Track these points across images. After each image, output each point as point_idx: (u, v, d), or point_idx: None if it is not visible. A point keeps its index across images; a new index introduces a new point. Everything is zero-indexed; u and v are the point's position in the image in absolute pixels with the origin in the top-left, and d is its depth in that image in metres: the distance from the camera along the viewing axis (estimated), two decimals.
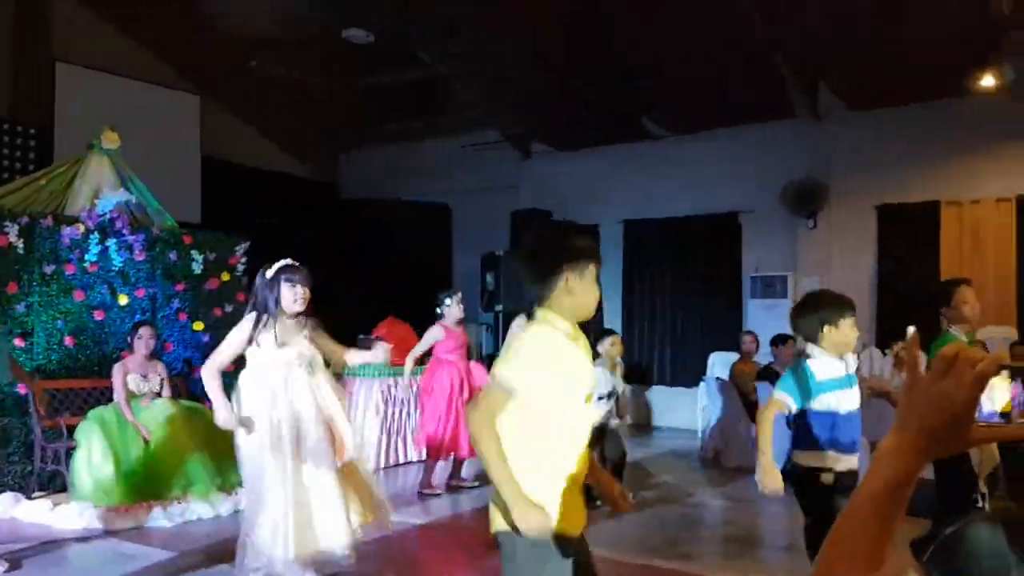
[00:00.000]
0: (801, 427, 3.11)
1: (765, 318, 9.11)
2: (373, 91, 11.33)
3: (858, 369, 7.43)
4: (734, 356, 8.13)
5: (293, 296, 3.70)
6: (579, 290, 2.24)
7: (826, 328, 3.11)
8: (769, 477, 3.00)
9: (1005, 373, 0.83)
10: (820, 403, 3.06)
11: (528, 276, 2.32)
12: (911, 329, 1.02)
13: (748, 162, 9.72)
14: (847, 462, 3.07)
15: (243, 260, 6.58)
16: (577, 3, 8.39)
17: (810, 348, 3.17)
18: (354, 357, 4.09)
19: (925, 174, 8.92)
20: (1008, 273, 8.55)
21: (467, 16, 8.79)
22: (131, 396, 5.42)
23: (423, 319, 6.44)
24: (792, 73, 8.70)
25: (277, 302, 3.69)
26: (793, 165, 9.40)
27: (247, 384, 3.72)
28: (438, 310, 6.27)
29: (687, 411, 9.54)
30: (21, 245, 5.52)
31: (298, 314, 3.76)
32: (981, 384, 0.89)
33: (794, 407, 3.09)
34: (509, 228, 10.79)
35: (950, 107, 8.63)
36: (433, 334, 6.16)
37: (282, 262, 3.80)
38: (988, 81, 8.06)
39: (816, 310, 3.17)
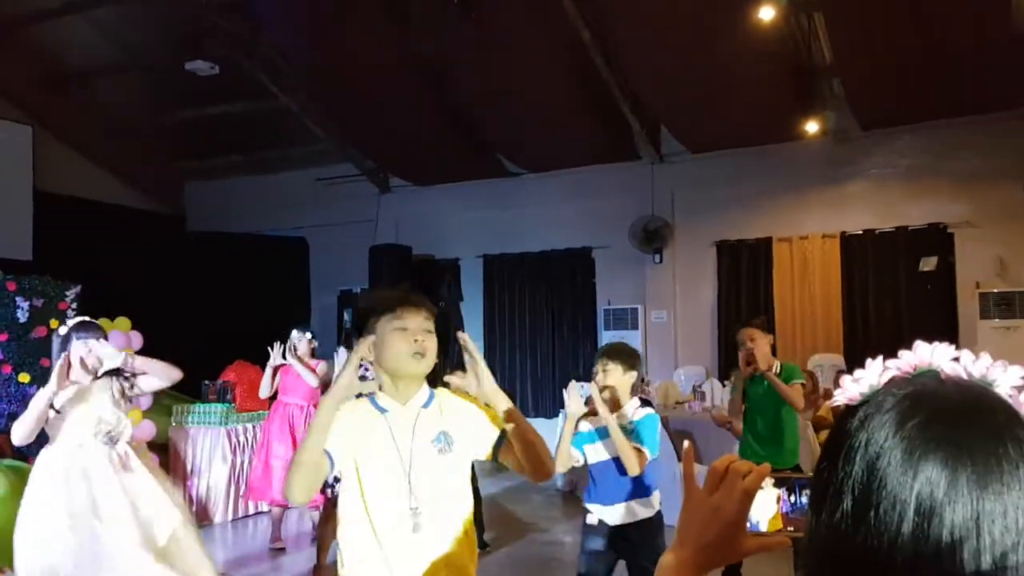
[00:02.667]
0: (651, 475, 3.35)
1: None
2: (220, 120, 11.00)
3: (698, 396, 7.76)
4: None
5: (85, 354, 3.51)
6: (379, 350, 2.09)
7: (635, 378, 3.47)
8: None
9: (769, 483, 0.91)
10: (585, 455, 3.35)
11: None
12: (686, 443, 1.08)
13: (599, 200, 10.07)
14: (603, 513, 3.32)
15: (74, 306, 6.20)
16: (423, 45, 8.51)
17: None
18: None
19: (759, 212, 9.53)
20: (834, 304, 9.23)
21: (313, 50, 8.73)
22: None
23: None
24: (637, 118, 9.13)
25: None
26: (640, 203, 9.83)
27: (40, 465, 3.47)
28: (288, 343, 6.01)
29: (547, 442, 9.73)
30: None
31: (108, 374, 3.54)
32: (749, 496, 0.94)
33: (581, 460, 3.34)
34: (368, 263, 10.68)
35: (782, 151, 9.28)
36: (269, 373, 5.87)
37: (77, 319, 3.66)
38: (813, 127, 8.74)
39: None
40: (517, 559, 5.49)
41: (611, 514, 3.30)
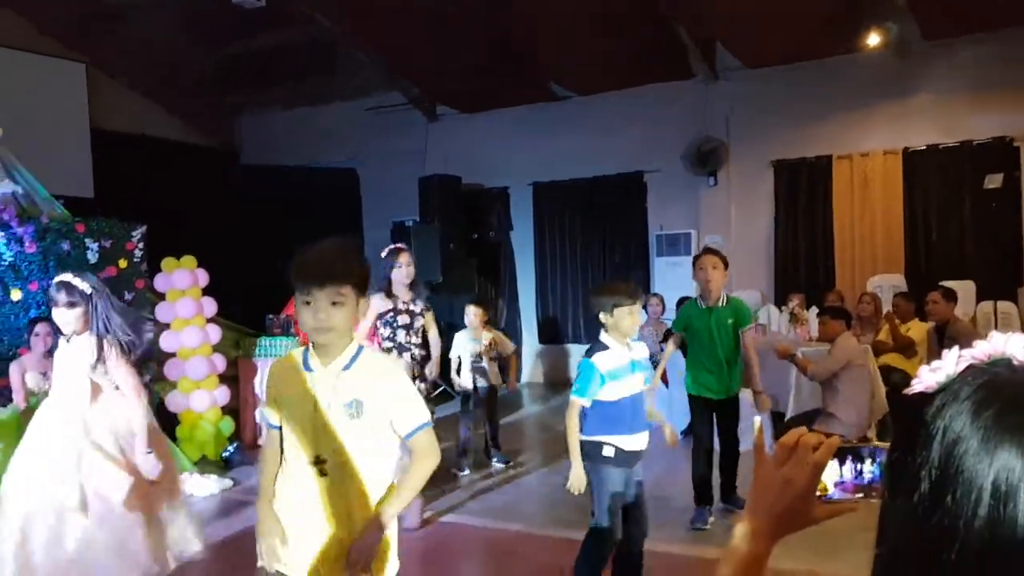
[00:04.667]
0: (590, 414, 3.40)
1: (671, 276, 9.39)
2: (269, 53, 10.98)
3: (758, 322, 7.72)
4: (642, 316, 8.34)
5: (58, 319, 3.44)
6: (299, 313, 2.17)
7: (603, 316, 3.36)
8: (577, 479, 3.33)
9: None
10: (606, 393, 3.34)
11: None
12: (757, 419, 1.11)
13: (651, 122, 9.88)
14: (631, 442, 3.38)
15: (140, 245, 6.36)
16: None
17: (602, 335, 3.42)
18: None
19: (818, 129, 9.26)
20: (896, 224, 9.01)
21: None
22: (30, 395, 5.24)
23: None
24: (690, 33, 8.85)
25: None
26: (694, 124, 9.62)
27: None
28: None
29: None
30: None
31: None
32: (819, 469, 0.97)
33: (588, 404, 3.38)
34: (418, 195, 10.71)
35: (842, 64, 8.96)
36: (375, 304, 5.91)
37: (59, 278, 3.48)
38: (875, 39, 8.38)
39: (599, 298, 3.42)
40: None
41: (638, 441, 3.41)
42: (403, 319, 4.83)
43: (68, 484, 3.34)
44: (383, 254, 4.91)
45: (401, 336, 4.82)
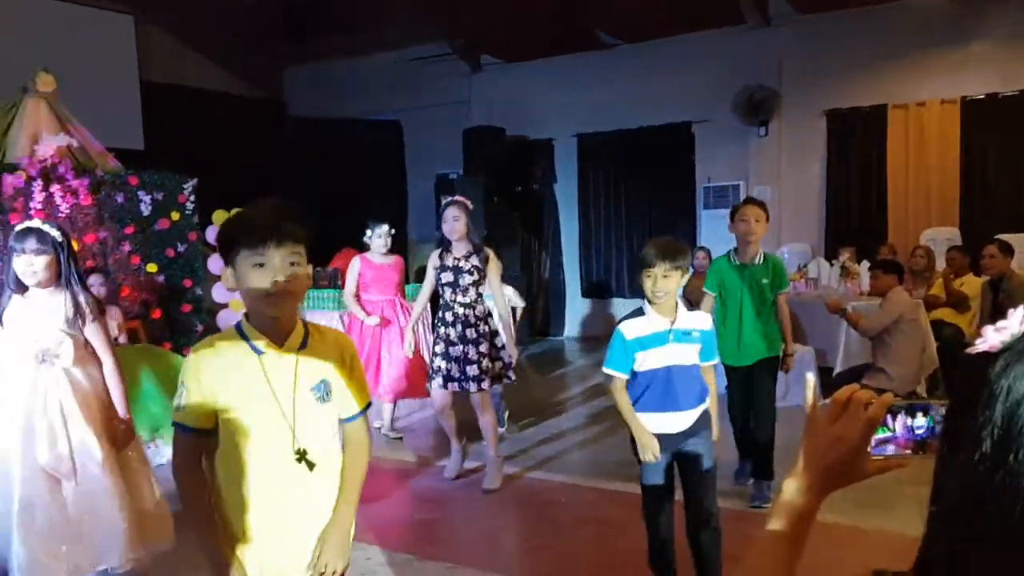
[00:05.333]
0: (629, 385, 3.04)
1: (719, 229, 9.23)
2: (316, 4, 10.96)
3: (806, 276, 7.61)
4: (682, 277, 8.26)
5: (20, 267, 3.14)
6: (238, 287, 1.83)
7: (639, 279, 2.99)
8: (643, 446, 2.97)
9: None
10: (637, 364, 2.98)
11: None
12: (809, 376, 1.10)
13: (700, 71, 9.67)
14: (660, 421, 2.99)
15: (192, 198, 6.47)
16: None
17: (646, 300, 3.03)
18: None
19: (873, 78, 8.98)
20: (952, 175, 8.75)
21: None
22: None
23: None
24: None
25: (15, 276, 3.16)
26: (744, 72, 9.38)
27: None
28: (364, 239, 5.90)
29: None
30: None
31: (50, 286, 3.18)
32: (873, 426, 0.98)
33: (625, 377, 3.00)
34: (462, 147, 10.68)
35: (896, 10, 8.65)
36: (352, 267, 5.76)
37: (22, 224, 3.25)
38: None
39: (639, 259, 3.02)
40: (612, 444, 5.66)
41: (671, 422, 3.01)
42: (447, 276, 4.67)
43: (60, 447, 3.20)
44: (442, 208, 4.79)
45: (447, 294, 4.70)
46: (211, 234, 6.70)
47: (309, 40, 11.93)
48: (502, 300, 4.90)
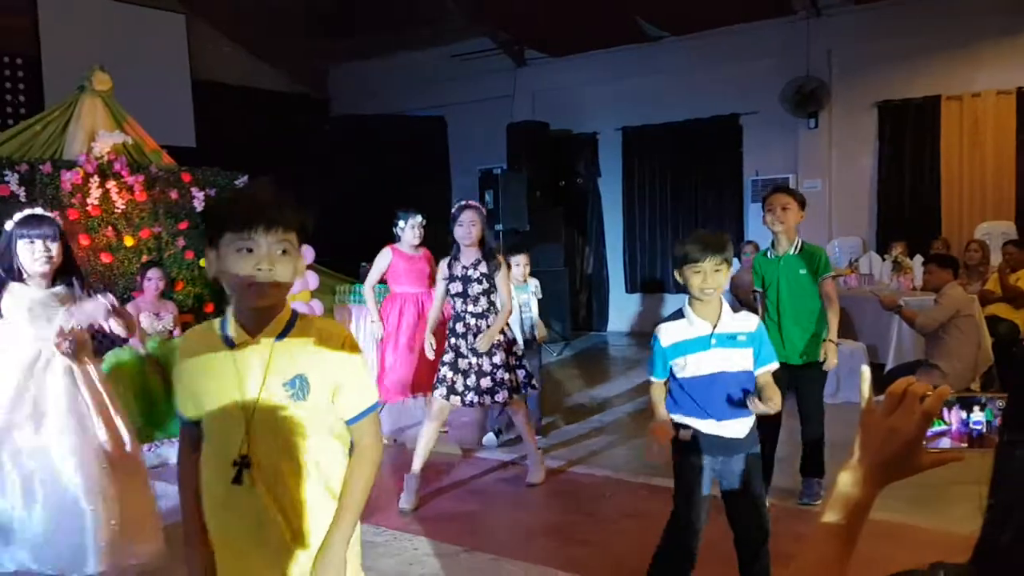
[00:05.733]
0: (673, 392, 2.86)
1: None
2: (359, 1, 11.05)
3: (857, 271, 7.47)
4: (735, 264, 8.17)
5: (32, 255, 3.05)
6: (220, 272, 1.66)
7: (676, 274, 2.77)
8: (656, 442, 2.79)
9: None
10: (677, 370, 2.79)
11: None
12: (865, 369, 1.09)
13: (747, 61, 9.56)
14: (707, 428, 2.78)
15: None
16: None
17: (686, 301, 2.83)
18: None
19: (925, 68, 8.79)
20: (1008, 168, 8.53)
21: None
22: (144, 335, 5.55)
23: (424, 243, 6.15)
24: None
25: (18, 265, 3.06)
26: (793, 64, 9.26)
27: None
28: (394, 230, 5.65)
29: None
30: (23, 193, 5.53)
31: (54, 278, 3.13)
32: (929, 419, 0.98)
33: (660, 381, 2.84)
34: (506, 142, 10.70)
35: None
36: (383, 258, 5.53)
37: (23, 213, 3.13)
38: None
39: (675, 253, 2.80)
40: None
41: (720, 429, 2.77)
42: (456, 287, 4.44)
43: (72, 443, 3.15)
44: (454, 211, 4.50)
45: (458, 305, 4.47)
46: None
47: (354, 38, 12.04)
48: (505, 305, 4.53)
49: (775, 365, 2.81)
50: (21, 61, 9.48)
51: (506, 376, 4.45)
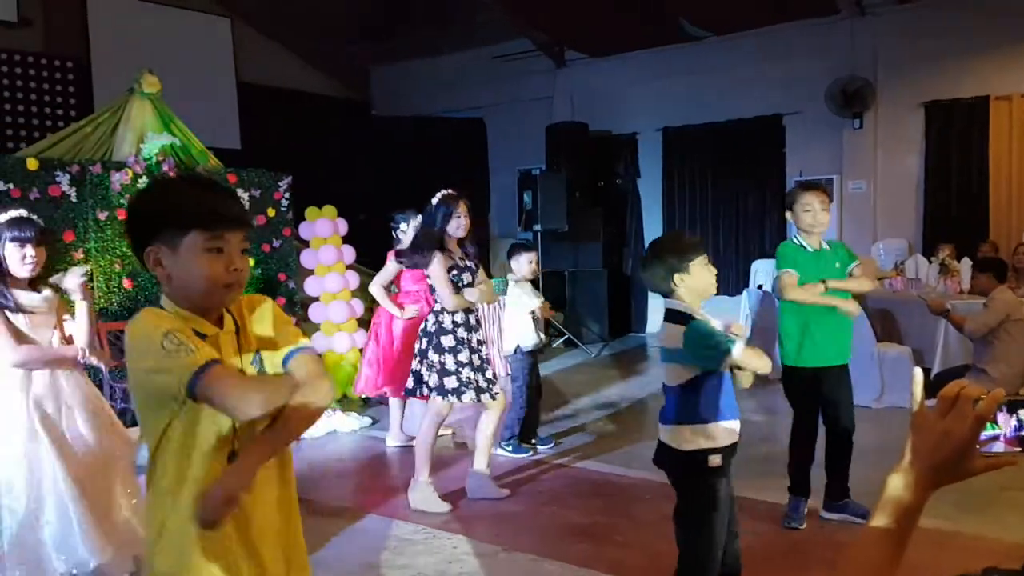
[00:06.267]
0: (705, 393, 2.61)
1: None
2: (400, 3, 11.15)
3: (903, 274, 7.35)
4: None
5: (22, 258, 3.01)
6: (176, 270, 1.57)
7: (676, 277, 2.61)
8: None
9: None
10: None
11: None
12: (917, 371, 1.08)
13: (791, 61, 9.45)
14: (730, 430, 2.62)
15: (286, 195, 6.69)
16: None
17: (668, 303, 2.66)
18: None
19: (974, 68, 8.60)
20: None
21: None
22: None
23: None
24: None
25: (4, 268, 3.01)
26: (837, 63, 9.12)
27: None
28: (393, 233, 5.55)
29: (730, 319, 9.52)
30: (73, 194, 5.68)
31: (35, 282, 3.10)
32: (982, 422, 0.97)
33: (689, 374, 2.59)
34: (545, 143, 10.71)
35: None
36: (389, 267, 5.34)
37: (9, 214, 3.06)
38: None
39: (660, 259, 2.63)
40: None
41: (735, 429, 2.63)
42: (467, 277, 4.25)
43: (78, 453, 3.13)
44: (434, 200, 4.23)
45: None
46: (304, 230, 6.92)
47: (394, 40, 12.14)
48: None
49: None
50: (72, 64, 9.72)
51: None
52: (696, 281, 2.60)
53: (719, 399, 2.59)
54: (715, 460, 2.57)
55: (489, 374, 4.33)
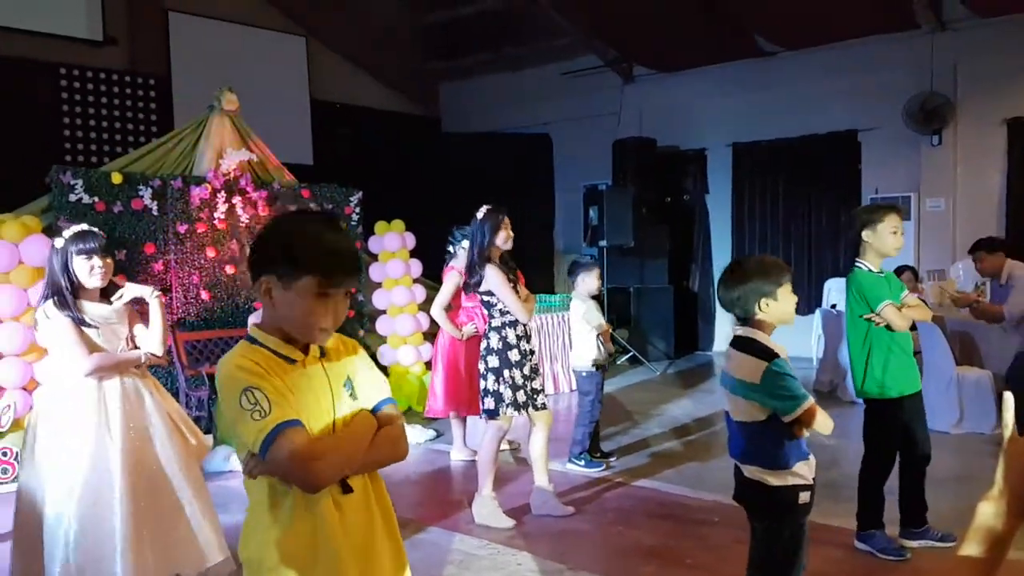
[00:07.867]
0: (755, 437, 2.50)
1: None
2: (469, 20, 11.30)
3: (984, 295, 7.09)
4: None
5: (89, 270, 3.10)
6: (282, 303, 1.61)
7: (763, 301, 2.47)
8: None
9: None
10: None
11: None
12: (1008, 396, 1.04)
13: (867, 76, 9.24)
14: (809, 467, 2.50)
15: (357, 210, 6.83)
16: None
17: (744, 331, 2.53)
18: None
19: None
20: None
21: None
22: None
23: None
24: None
25: (72, 280, 3.09)
26: (916, 78, 8.89)
27: (51, 396, 3.14)
28: (450, 248, 5.55)
29: (802, 339, 9.25)
30: (155, 207, 5.90)
31: (104, 293, 3.20)
32: None
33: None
34: (611, 158, 10.68)
35: None
36: (453, 280, 5.34)
37: (74, 228, 3.17)
38: None
39: (746, 281, 2.49)
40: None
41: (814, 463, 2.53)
42: (523, 291, 4.25)
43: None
44: (479, 216, 4.27)
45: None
46: (373, 244, 7.04)
47: (463, 57, 12.31)
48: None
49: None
50: (154, 82, 10.10)
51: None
52: (782, 307, 2.49)
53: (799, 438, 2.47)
54: (804, 497, 2.47)
55: (538, 384, 4.33)
